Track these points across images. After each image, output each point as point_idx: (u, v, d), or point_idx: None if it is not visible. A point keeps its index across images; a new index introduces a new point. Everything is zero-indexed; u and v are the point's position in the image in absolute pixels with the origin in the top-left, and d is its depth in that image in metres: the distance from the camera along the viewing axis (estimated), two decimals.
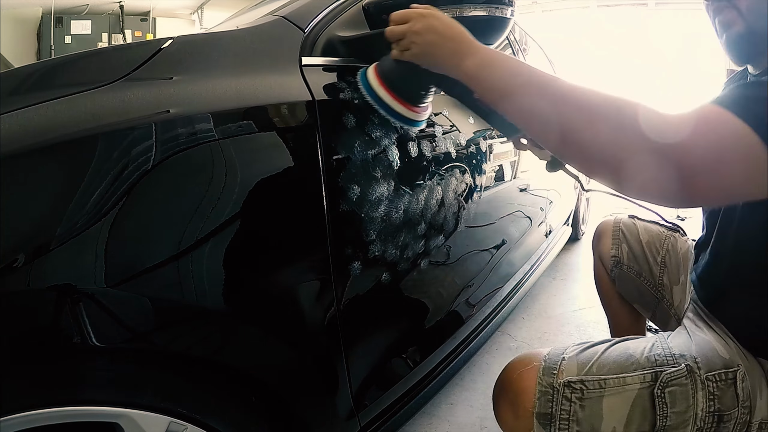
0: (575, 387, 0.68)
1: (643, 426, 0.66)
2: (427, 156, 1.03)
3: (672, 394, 0.67)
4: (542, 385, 0.69)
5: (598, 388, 0.67)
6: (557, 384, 0.68)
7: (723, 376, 0.69)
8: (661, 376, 0.67)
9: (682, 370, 0.68)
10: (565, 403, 0.67)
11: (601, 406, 0.67)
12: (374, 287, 0.91)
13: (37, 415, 0.52)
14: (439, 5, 0.81)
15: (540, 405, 0.68)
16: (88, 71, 0.63)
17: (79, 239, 0.52)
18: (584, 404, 0.67)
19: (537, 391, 0.69)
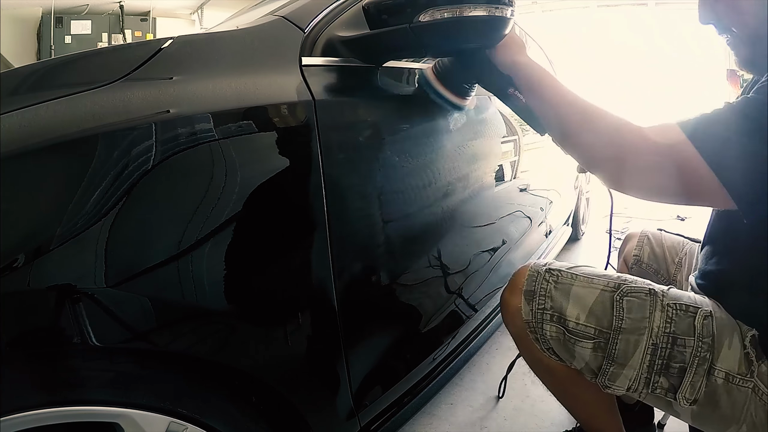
0: (553, 272, 0.84)
1: (602, 321, 0.78)
2: (427, 156, 1.03)
3: (629, 302, 0.78)
4: (531, 270, 0.85)
5: (569, 278, 0.83)
6: (541, 270, 0.85)
7: (684, 307, 0.77)
8: (621, 287, 0.80)
9: (644, 288, 0.80)
10: (544, 283, 0.83)
11: (570, 292, 0.81)
12: (374, 287, 0.91)
13: (37, 415, 0.52)
14: (439, 5, 0.81)
15: (527, 283, 0.84)
16: (88, 71, 0.63)
17: (79, 239, 0.52)
18: (557, 287, 0.82)
19: (527, 274, 0.85)
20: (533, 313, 0.83)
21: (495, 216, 1.38)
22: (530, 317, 0.83)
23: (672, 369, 0.75)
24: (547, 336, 0.82)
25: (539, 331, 0.82)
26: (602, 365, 0.79)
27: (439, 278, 1.12)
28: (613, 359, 0.78)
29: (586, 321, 0.79)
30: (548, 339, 0.82)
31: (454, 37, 0.86)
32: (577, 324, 0.79)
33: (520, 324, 0.85)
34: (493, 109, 1.42)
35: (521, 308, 0.84)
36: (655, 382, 0.77)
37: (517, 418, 1.33)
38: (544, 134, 0.91)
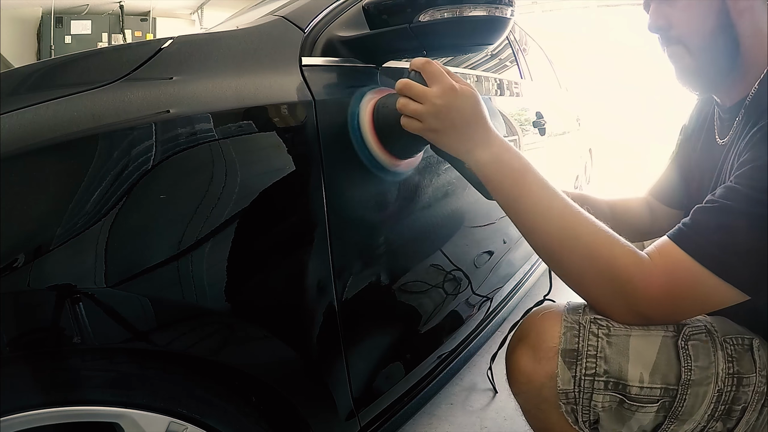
0: (601, 324, 0.65)
1: (669, 377, 0.64)
2: (427, 156, 1.03)
3: (695, 347, 0.65)
4: (568, 321, 0.66)
5: (623, 327, 0.65)
6: (583, 320, 0.66)
7: (739, 340, 0.68)
8: (683, 329, 0.66)
9: (701, 327, 0.67)
10: (592, 339, 0.64)
11: (629, 346, 0.64)
12: (374, 287, 0.91)
13: (37, 415, 0.52)
14: (439, 5, 0.81)
15: (566, 341, 0.65)
16: (88, 71, 0.63)
17: (79, 239, 0.52)
18: (611, 341, 0.64)
19: (562, 327, 0.66)
20: (577, 380, 0.65)
21: (495, 216, 1.38)
22: (571, 386, 0.65)
23: (733, 413, 0.66)
24: (596, 407, 0.66)
25: (583, 402, 0.65)
26: (662, 423, 0.66)
27: (439, 278, 1.12)
28: (677, 416, 0.66)
29: (651, 381, 0.64)
30: (597, 411, 0.66)
31: (454, 37, 0.86)
32: (641, 388, 0.64)
33: (549, 395, 0.66)
34: (493, 109, 1.43)
35: (556, 375, 0.65)
36: (710, 428, 0.67)
37: (517, 418, 1.32)
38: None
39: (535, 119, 1.79)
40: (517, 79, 1.91)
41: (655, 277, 0.61)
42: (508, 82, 1.69)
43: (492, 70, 1.69)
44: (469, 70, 1.44)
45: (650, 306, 0.63)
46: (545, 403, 0.67)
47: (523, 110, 1.72)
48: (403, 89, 0.70)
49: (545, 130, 1.85)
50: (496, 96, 1.51)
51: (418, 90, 0.68)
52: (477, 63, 1.56)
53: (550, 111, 2.01)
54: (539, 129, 1.80)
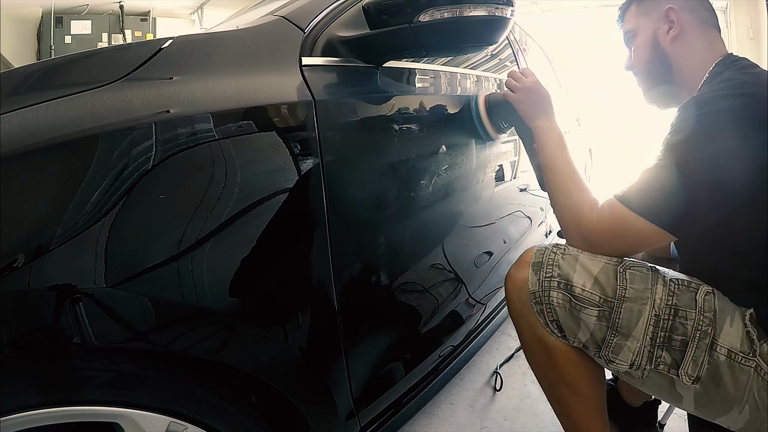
0: (560, 247, 0.87)
1: (606, 290, 0.80)
2: (427, 156, 1.03)
3: (632, 274, 0.81)
4: (539, 247, 0.89)
5: (575, 252, 0.85)
6: (549, 245, 0.88)
7: (685, 283, 0.81)
8: (624, 261, 0.83)
9: (645, 264, 0.83)
10: (551, 255, 0.86)
11: (576, 261, 0.84)
12: (374, 287, 0.91)
13: (37, 415, 0.52)
14: (439, 5, 0.81)
15: (535, 256, 0.87)
16: (88, 71, 0.63)
17: (79, 239, 0.52)
18: (564, 257, 0.85)
19: (534, 250, 0.88)
20: (540, 282, 0.84)
21: (495, 216, 1.38)
22: (537, 287, 0.85)
23: (674, 342, 0.77)
24: (553, 304, 0.83)
25: (545, 300, 0.84)
26: (606, 336, 0.80)
27: (439, 278, 1.12)
28: (616, 329, 0.79)
29: (592, 288, 0.81)
30: (554, 307, 0.83)
31: (454, 37, 0.86)
32: (583, 290, 0.81)
33: (525, 297, 0.86)
34: None
35: (527, 279, 0.86)
36: (658, 356, 0.78)
37: (517, 418, 1.33)
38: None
39: None
40: None
41: (597, 217, 0.83)
42: None
43: (492, 70, 1.69)
44: (469, 70, 1.43)
45: (595, 237, 0.84)
46: (524, 307, 0.87)
47: None
48: (512, 73, 1.08)
49: None
50: None
51: (520, 75, 1.07)
52: (477, 63, 1.56)
53: None
54: None
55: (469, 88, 1.36)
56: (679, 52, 0.91)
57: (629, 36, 0.99)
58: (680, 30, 0.91)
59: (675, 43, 0.91)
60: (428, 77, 1.16)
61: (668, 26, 0.91)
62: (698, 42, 0.91)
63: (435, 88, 1.17)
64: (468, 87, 1.37)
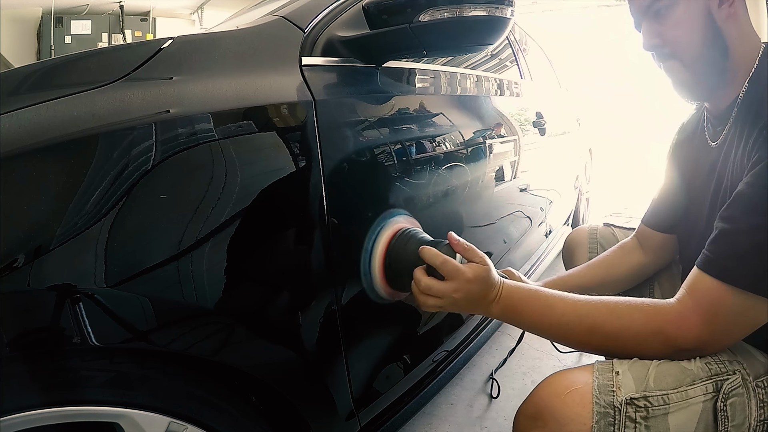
0: (639, 405, 0.60)
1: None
2: (427, 156, 1.03)
3: (733, 405, 0.62)
4: (600, 405, 0.60)
5: (662, 404, 0.61)
6: (618, 403, 0.60)
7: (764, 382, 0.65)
8: (722, 387, 0.62)
9: (739, 378, 0.64)
10: (629, 425, 0.59)
11: (668, 424, 0.60)
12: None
13: (37, 415, 0.52)
14: (439, 5, 0.81)
15: (599, 428, 0.59)
16: (88, 71, 0.63)
17: (79, 239, 0.52)
18: (649, 424, 0.60)
19: (594, 413, 0.59)
20: None
21: (495, 216, 1.38)
22: None
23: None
24: None
25: None
26: None
27: None
28: None
29: None
30: None
31: (454, 37, 0.86)
32: None
33: None
34: (493, 109, 1.43)
35: None
36: None
37: None
38: None
39: (535, 119, 1.79)
40: (517, 79, 1.91)
41: (687, 316, 0.62)
42: (508, 82, 1.69)
43: (492, 70, 1.69)
44: (469, 70, 1.44)
45: (694, 342, 0.62)
46: None
47: (523, 110, 1.72)
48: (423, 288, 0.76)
49: (545, 130, 1.85)
50: (496, 96, 1.51)
51: (437, 289, 0.74)
52: (477, 63, 1.56)
53: (550, 111, 2.01)
54: (539, 129, 1.80)
55: (469, 88, 1.36)
56: (733, 33, 0.72)
57: (662, 5, 0.73)
58: (735, 7, 0.72)
59: (729, 22, 0.72)
60: (428, 77, 1.16)
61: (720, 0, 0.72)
62: (747, 23, 0.73)
63: (435, 88, 1.17)
64: (468, 87, 1.37)
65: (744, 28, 0.73)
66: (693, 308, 0.62)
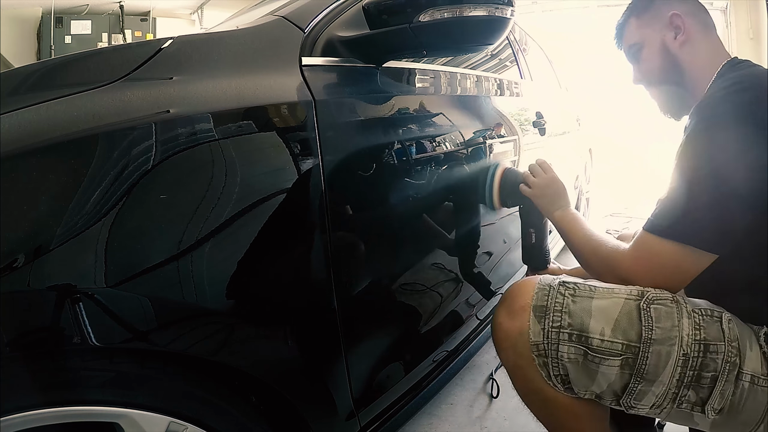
0: (568, 285, 0.77)
1: (630, 333, 0.72)
2: (427, 156, 1.03)
3: (657, 310, 0.73)
4: (540, 284, 0.79)
5: (588, 290, 0.77)
6: (553, 283, 0.78)
7: (708, 312, 0.75)
8: (646, 294, 0.74)
9: (667, 295, 0.75)
10: (559, 297, 0.75)
11: (591, 305, 0.74)
12: (374, 287, 0.91)
13: (37, 415, 0.52)
14: (439, 5, 0.81)
15: (537, 299, 0.76)
16: (88, 71, 0.63)
17: (79, 239, 0.52)
18: (575, 300, 0.75)
19: (536, 288, 0.78)
20: (545, 332, 0.74)
21: (495, 216, 1.38)
22: (541, 338, 0.74)
23: (703, 380, 0.71)
24: (563, 359, 0.73)
25: (551, 354, 0.74)
26: (629, 383, 0.72)
27: (439, 278, 1.12)
28: (642, 375, 0.71)
29: (612, 335, 0.72)
30: (564, 363, 0.74)
31: (454, 37, 0.86)
32: (602, 341, 0.72)
33: (523, 348, 0.76)
34: (493, 109, 1.43)
35: (528, 329, 0.75)
36: (682, 396, 0.72)
37: (516, 418, 1.33)
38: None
39: (535, 119, 1.79)
40: (517, 79, 1.91)
41: (630, 256, 0.78)
42: (508, 82, 1.69)
43: (492, 70, 1.69)
44: (469, 70, 1.43)
45: (634, 278, 0.77)
46: (522, 359, 0.77)
47: (523, 110, 1.72)
48: (532, 168, 1.10)
49: (545, 130, 1.85)
50: (496, 96, 1.51)
51: (540, 172, 1.08)
52: (477, 63, 1.56)
53: (550, 111, 2.00)
54: (539, 129, 1.80)
55: (469, 88, 1.36)
56: (688, 57, 0.89)
57: (635, 50, 0.95)
58: (687, 35, 0.89)
59: (683, 48, 0.89)
60: (428, 77, 1.16)
61: (674, 33, 0.90)
62: (704, 45, 0.90)
63: (435, 88, 1.17)
64: (468, 87, 1.36)
65: (700, 51, 0.89)
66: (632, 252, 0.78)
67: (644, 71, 0.95)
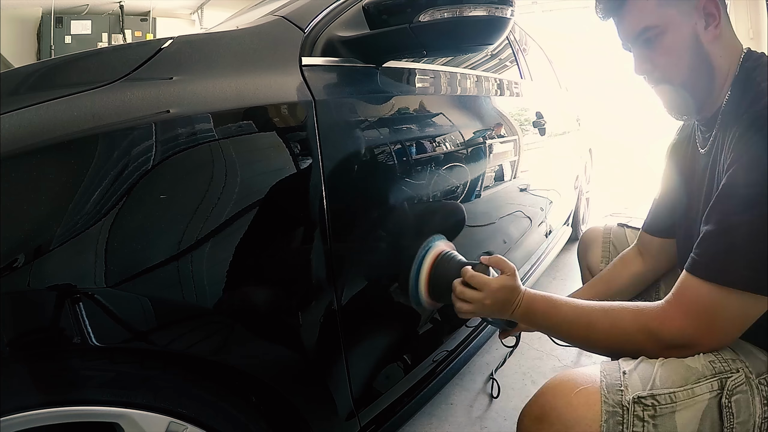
0: (646, 403, 0.61)
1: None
2: (427, 156, 1.03)
3: (737, 402, 0.63)
4: (608, 404, 0.61)
5: (669, 402, 0.62)
6: (626, 402, 0.61)
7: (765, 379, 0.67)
8: (727, 384, 0.63)
9: (742, 376, 0.65)
10: (638, 423, 0.60)
11: (675, 422, 0.61)
12: (374, 287, 0.91)
13: (37, 415, 0.52)
14: (439, 5, 0.81)
15: (608, 427, 0.60)
16: (88, 71, 0.63)
17: (79, 239, 0.52)
18: (657, 422, 0.61)
19: (603, 412, 0.61)
20: None
21: (495, 216, 1.38)
22: None
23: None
24: None
25: None
26: None
27: None
28: None
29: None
30: None
31: (454, 37, 0.86)
32: None
33: None
34: (493, 109, 1.43)
35: None
36: None
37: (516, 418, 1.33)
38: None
39: (535, 119, 1.79)
40: (517, 79, 1.91)
41: (669, 312, 0.66)
42: (508, 82, 1.69)
43: (492, 70, 1.69)
44: (469, 70, 1.43)
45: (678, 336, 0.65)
46: None
47: (523, 110, 1.72)
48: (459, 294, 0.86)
49: (545, 130, 1.85)
50: (496, 96, 1.51)
51: (470, 296, 0.84)
52: (477, 63, 1.56)
53: (550, 111, 2.01)
54: (539, 129, 1.80)
55: (469, 88, 1.36)
56: (717, 53, 0.74)
57: (650, 34, 0.74)
58: (719, 27, 0.73)
59: (715, 43, 0.73)
60: (428, 77, 1.16)
61: (705, 22, 0.73)
62: (729, 35, 0.75)
63: (435, 88, 1.17)
64: (468, 87, 1.37)
65: (726, 42, 0.75)
66: (675, 304, 0.66)
67: (662, 65, 0.76)
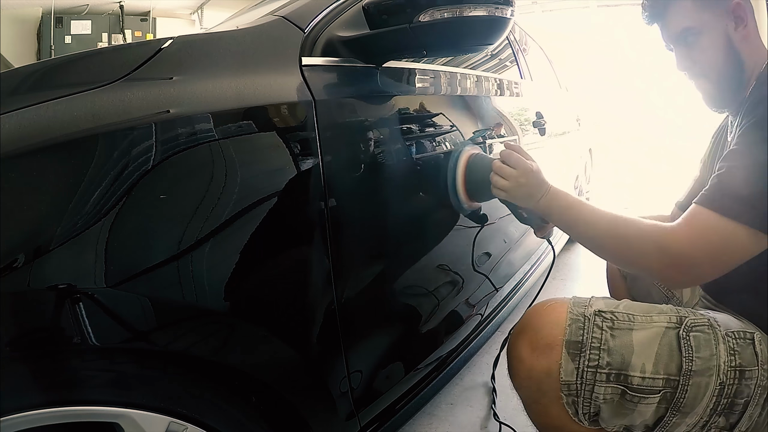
0: (606, 316, 0.70)
1: (670, 367, 0.68)
2: (427, 156, 1.03)
3: (696, 338, 0.69)
4: (573, 314, 0.71)
5: (627, 320, 0.70)
6: (588, 313, 0.70)
7: (741, 334, 0.71)
8: (685, 321, 0.70)
9: (704, 320, 0.71)
10: (597, 331, 0.68)
11: (632, 339, 0.68)
12: (374, 287, 0.91)
13: (37, 415, 0.52)
14: (439, 5, 0.81)
15: (570, 332, 0.68)
16: (88, 71, 0.63)
17: (79, 239, 0.52)
18: (615, 334, 0.68)
19: (568, 319, 0.70)
20: (580, 372, 0.68)
21: (495, 216, 1.38)
22: (574, 377, 0.68)
23: (735, 406, 0.68)
24: (598, 399, 0.68)
25: (585, 394, 0.68)
26: (664, 416, 0.69)
27: (439, 278, 1.12)
28: (679, 409, 0.68)
29: (654, 371, 0.67)
30: (597, 402, 0.69)
31: (454, 37, 0.86)
32: (644, 378, 0.67)
33: (550, 388, 0.69)
34: (493, 109, 1.43)
35: (559, 367, 0.68)
36: (712, 422, 0.69)
37: (517, 418, 1.33)
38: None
39: (535, 119, 1.79)
40: (517, 79, 1.91)
41: (678, 234, 0.69)
42: (508, 82, 1.69)
43: (492, 70, 1.69)
44: (469, 70, 1.43)
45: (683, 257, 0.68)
46: (545, 397, 0.70)
47: (523, 110, 1.72)
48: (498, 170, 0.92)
49: (545, 130, 1.85)
50: (496, 96, 1.51)
51: (508, 172, 0.90)
52: (477, 63, 1.56)
53: (550, 111, 2.01)
54: (539, 129, 1.80)
55: (469, 88, 1.36)
56: (747, 52, 0.81)
57: (690, 35, 0.83)
58: (748, 28, 0.80)
59: (744, 42, 0.81)
60: (428, 77, 1.16)
61: (735, 23, 0.80)
62: (757, 36, 0.81)
63: (435, 88, 1.17)
64: (468, 87, 1.37)
65: (754, 42, 0.82)
66: (684, 227, 0.70)
67: (701, 62, 0.84)
